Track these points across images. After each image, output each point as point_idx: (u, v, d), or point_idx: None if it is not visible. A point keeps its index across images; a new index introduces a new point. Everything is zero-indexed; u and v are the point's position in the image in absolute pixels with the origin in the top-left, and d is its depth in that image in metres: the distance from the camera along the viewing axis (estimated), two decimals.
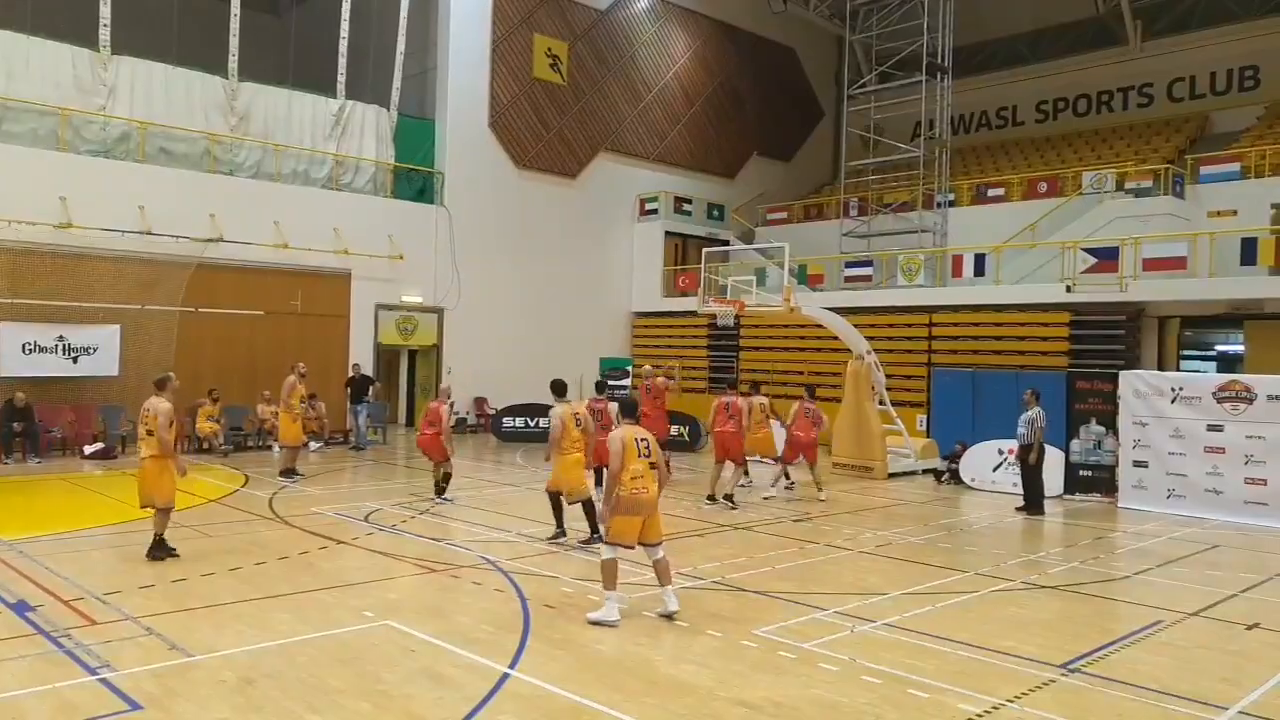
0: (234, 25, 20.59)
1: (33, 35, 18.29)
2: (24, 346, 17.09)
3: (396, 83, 23.18)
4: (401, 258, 22.46)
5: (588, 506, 10.31)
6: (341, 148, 22.48)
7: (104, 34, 18.99)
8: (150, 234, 18.59)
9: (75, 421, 17.56)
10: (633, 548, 7.59)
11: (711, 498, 13.41)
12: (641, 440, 7.59)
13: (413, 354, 23.96)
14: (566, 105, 26.49)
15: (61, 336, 17.48)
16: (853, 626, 7.44)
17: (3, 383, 16.70)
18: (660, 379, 15.81)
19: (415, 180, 23.93)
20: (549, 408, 20.79)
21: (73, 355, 17.59)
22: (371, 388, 20.57)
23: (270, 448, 18.24)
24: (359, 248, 21.65)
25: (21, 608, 7.45)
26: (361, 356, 21.68)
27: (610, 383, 22.61)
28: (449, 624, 7.31)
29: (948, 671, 6.41)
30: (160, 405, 9.27)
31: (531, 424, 21.24)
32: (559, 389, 10.90)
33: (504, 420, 22.04)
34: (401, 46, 23.06)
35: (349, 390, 20.32)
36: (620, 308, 27.94)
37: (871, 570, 9.71)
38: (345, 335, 21.83)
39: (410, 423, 24.19)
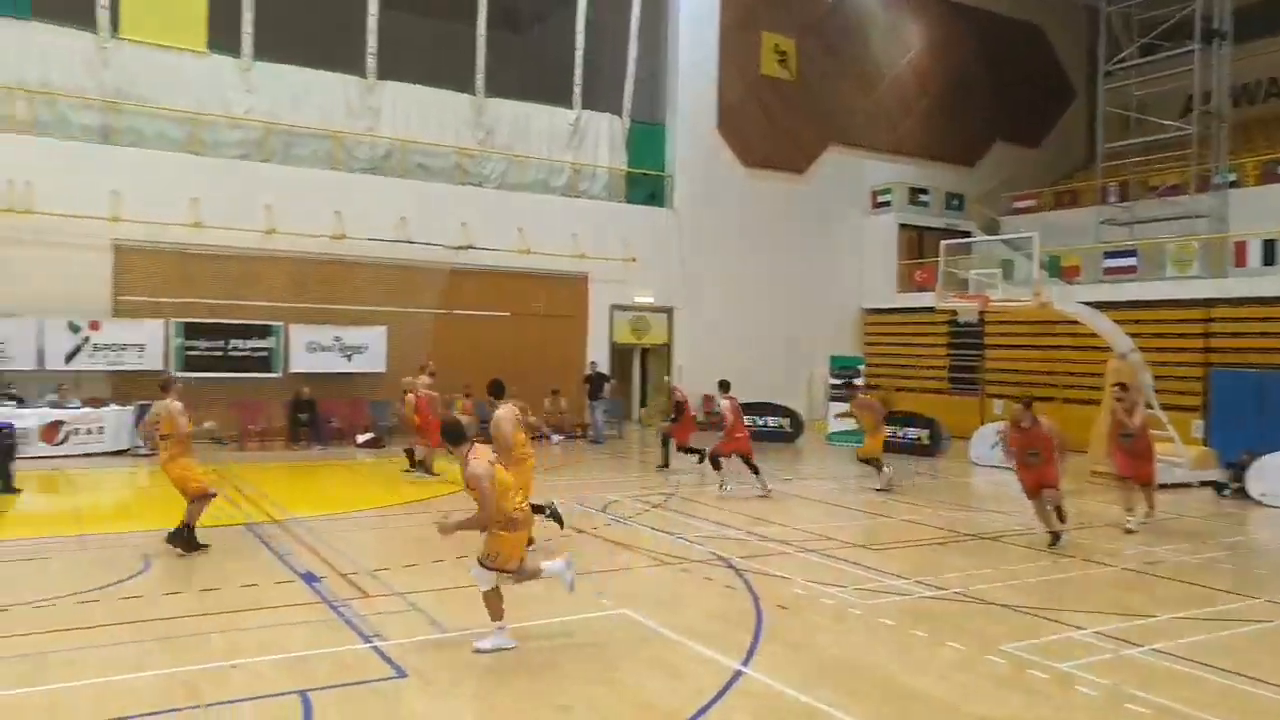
0: (480, 45, 22.07)
1: (311, 68, 20.45)
2: (307, 345, 19.20)
3: (628, 90, 23.91)
4: (634, 260, 23.12)
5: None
6: (578, 156, 23.49)
7: (370, 62, 20.96)
8: (410, 242, 20.29)
9: (350, 413, 19.49)
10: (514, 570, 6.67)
11: (1056, 537, 10.50)
12: (495, 455, 6.79)
13: (645, 352, 24.60)
14: (795, 100, 26.18)
15: (338, 337, 19.47)
16: (1116, 650, 6.79)
17: (291, 378, 18.83)
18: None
19: (646, 184, 24.56)
20: (779, 407, 20.71)
21: (347, 353, 19.55)
22: (607, 385, 21.32)
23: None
24: (595, 251, 22.53)
25: (309, 578, 8.34)
26: (598, 355, 22.54)
27: (838, 382, 22.22)
28: (682, 617, 7.40)
29: (1232, 709, 5.70)
30: (170, 406, 9.31)
31: (761, 423, 21.14)
32: (497, 390, 9.77)
33: None
34: (633, 54, 23.75)
35: (587, 387, 21.19)
36: (851, 304, 27.24)
37: (1136, 589, 8.83)
38: (583, 335, 22.80)
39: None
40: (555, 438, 19.94)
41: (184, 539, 9.16)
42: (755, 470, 13.80)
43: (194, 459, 9.57)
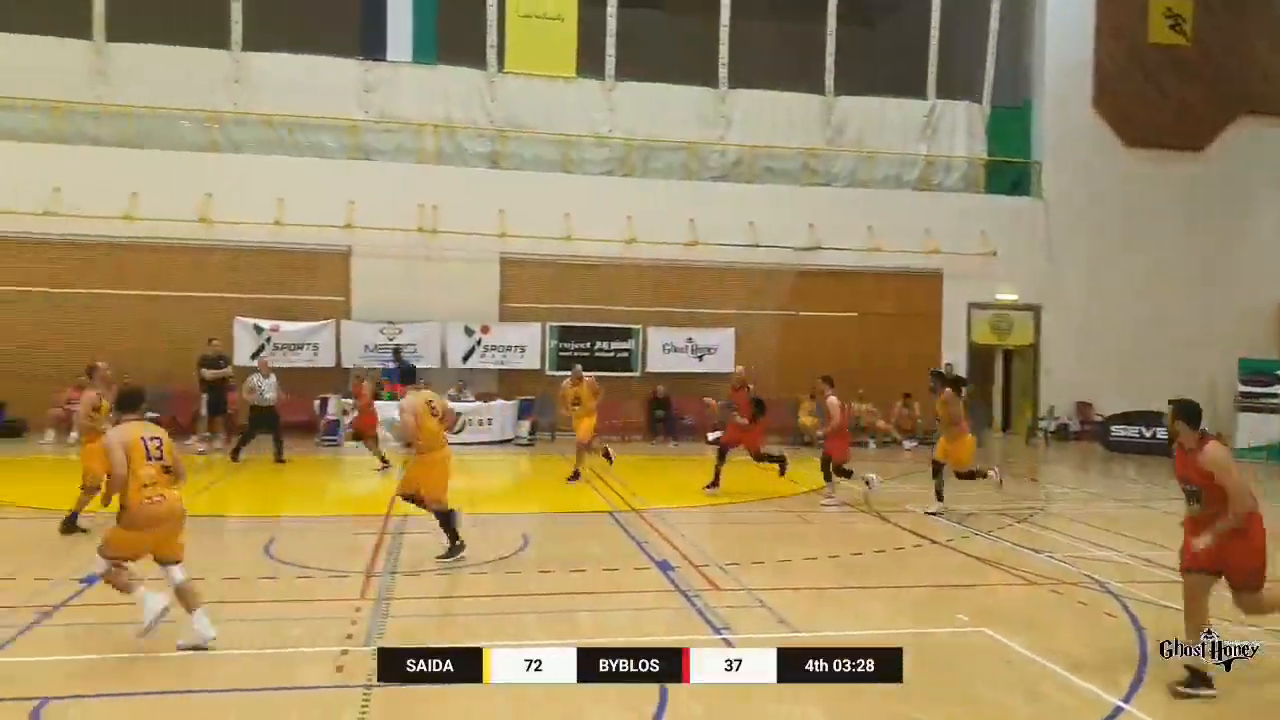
0: (830, 45, 21.87)
1: (666, 83, 21.47)
2: (664, 347, 20.33)
3: (989, 73, 22.42)
4: (994, 254, 21.64)
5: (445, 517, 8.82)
6: (932, 148, 22.49)
7: (722, 72, 21.63)
8: (758, 246, 20.64)
9: (701, 411, 20.22)
10: (132, 561, 6.12)
11: None
12: (151, 439, 6.09)
13: (1007, 354, 22.92)
14: (1192, 68, 22.96)
15: (690, 338, 20.41)
16: None
17: (649, 378, 20.02)
18: None
19: (1009, 173, 22.88)
20: (1160, 415, 18.24)
21: (699, 354, 20.41)
22: (964, 388, 20.08)
23: (866, 444, 19.06)
24: (950, 246, 21.41)
25: (664, 566, 8.74)
26: (954, 356, 21.37)
27: (1250, 389, 19.08)
28: (1050, 642, 6.73)
29: None
30: (84, 396, 9.79)
31: (1147, 434, 18.84)
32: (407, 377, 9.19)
33: (1113, 428, 19.89)
34: (993, 35, 22.22)
35: None
36: (1265, 299, 23.27)
37: None
38: (937, 335, 21.76)
39: (1006, 426, 23.16)
40: (908, 444, 19.26)
41: (68, 522, 9.41)
42: (846, 475, 12.73)
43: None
